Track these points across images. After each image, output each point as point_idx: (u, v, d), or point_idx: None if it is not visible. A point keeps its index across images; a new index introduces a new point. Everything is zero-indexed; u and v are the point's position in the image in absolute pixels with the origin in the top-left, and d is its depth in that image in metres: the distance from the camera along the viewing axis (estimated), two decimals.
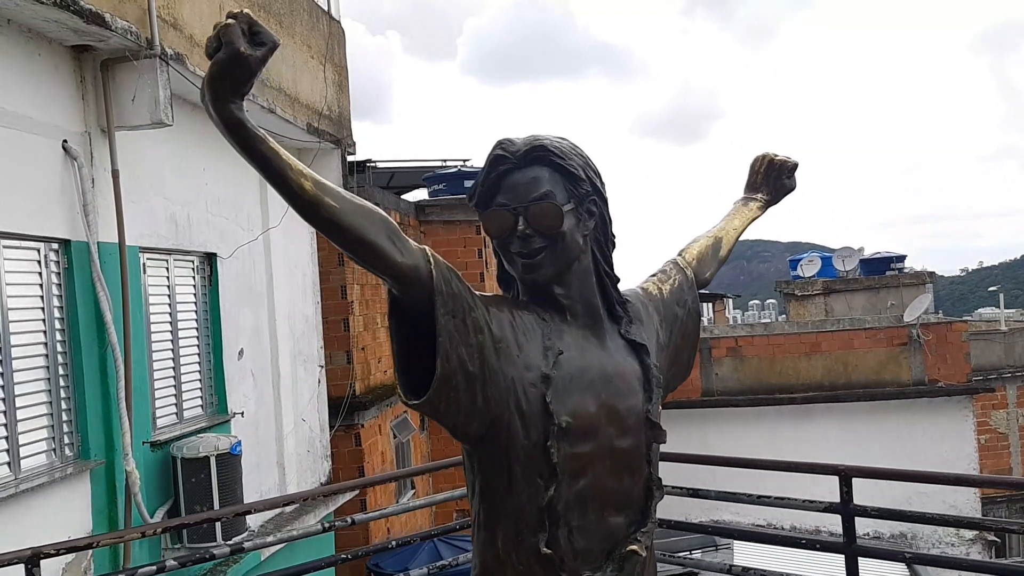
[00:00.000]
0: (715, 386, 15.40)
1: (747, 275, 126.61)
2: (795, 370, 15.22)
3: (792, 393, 14.83)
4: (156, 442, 6.13)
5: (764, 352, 15.40)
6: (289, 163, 1.50)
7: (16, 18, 4.83)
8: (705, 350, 15.43)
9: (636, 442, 1.81)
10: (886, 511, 3.10)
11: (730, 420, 14.91)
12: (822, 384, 14.87)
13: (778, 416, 14.73)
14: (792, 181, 2.37)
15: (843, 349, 14.89)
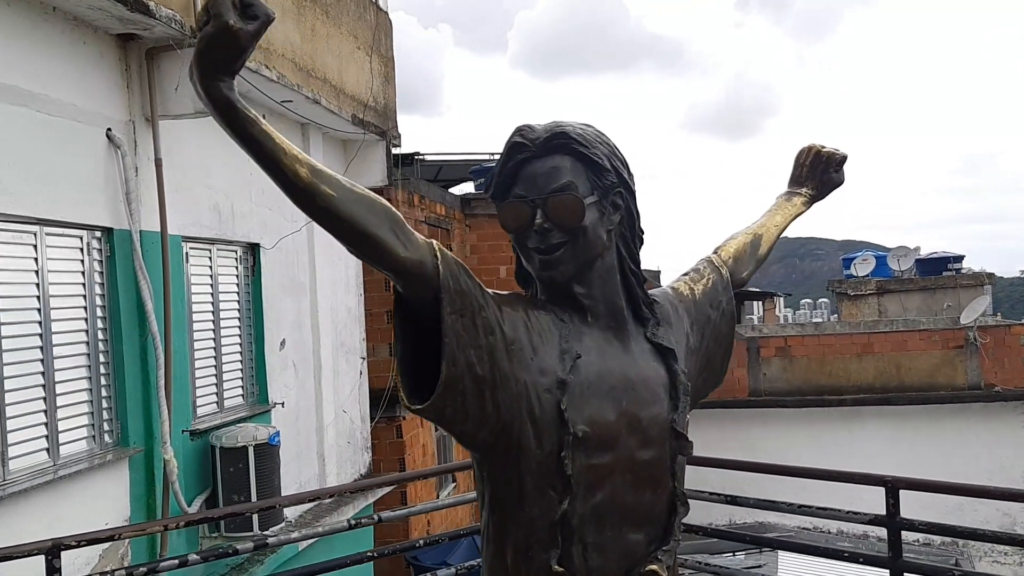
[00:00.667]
0: (763, 386, 15.13)
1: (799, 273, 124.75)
2: (845, 371, 14.88)
3: (842, 395, 14.50)
4: (196, 431, 6.16)
5: (814, 352, 15.08)
6: (283, 147, 1.41)
7: (62, 6, 4.85)
8: (753, 349, 15.18)
9: (659, 454, 1.68)
10: (935, 526, 2.94)
11: (777, 421, 14.63)
12: (873, 386, 14.52)
13: (827, 418, 14.43)
14: (840, 175, 2.22)
15: (896, 351, 14.52)
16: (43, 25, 4.81)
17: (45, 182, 4.82)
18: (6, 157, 4.55)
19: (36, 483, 4.61)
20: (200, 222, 6.33)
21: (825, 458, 12.92)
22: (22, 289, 4.73)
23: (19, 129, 4.64)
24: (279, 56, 6.70)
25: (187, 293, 6.27)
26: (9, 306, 4.62)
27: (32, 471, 4.68)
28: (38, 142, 4.77)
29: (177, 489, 5.57)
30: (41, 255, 4.84)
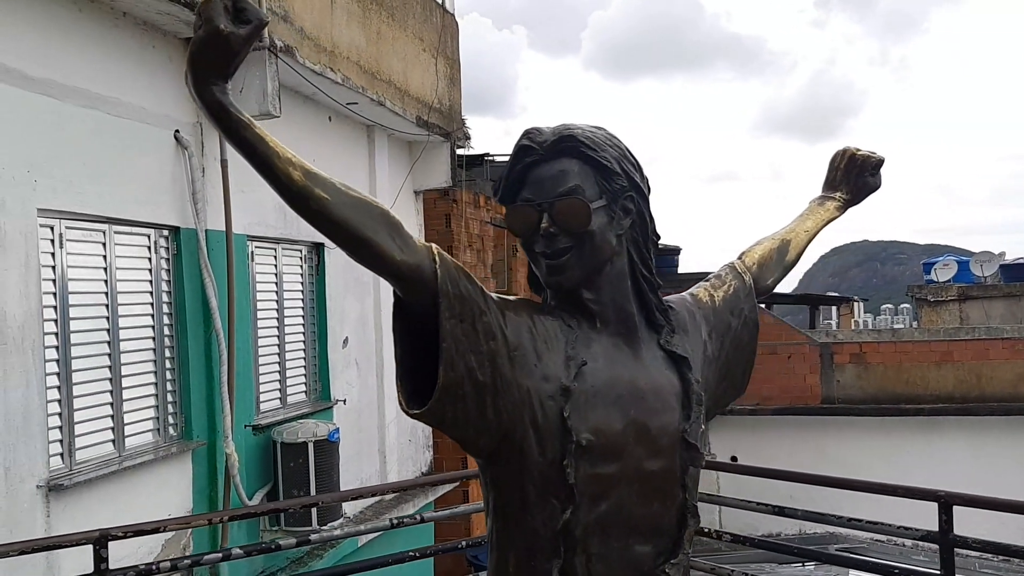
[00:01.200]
0: (836, 393, 14.74)
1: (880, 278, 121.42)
2: (923, 380, 14.41)
3: (919, 404, 14.05)
4: (258, 426, 6.29)
5: (891, 359, 14.63)
6: (276, 151, 1.42)
7: (132, 11, 5.01)
8: (827, 355, 14.80)
9: (669, 464, 1.64)
10: (990, 544, 2.82)
11: (851, 430, 14.24)
12: (952, 396, 14.03)
13: (903, 427, 13.99)
14: (877, 179, 2.13)
15: (977, 359, 14.01)
16: (113, 30, 4.97)
17: (115, 182, 4.99)
18: (77, 158, 4.72)
19: (102, 473, 4.77)
20: (265, 222, 6.46)
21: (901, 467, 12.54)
22: (92, 286, 4.90)
23: (90, 131, 4.80)
24: (344, 59, 6.80)
25: (252, 291, 6.42)
26: (79, 302, 4.79)
27: (98, 462, 4.85)
28: (108, 144, 4.94)
29: (238, 483, 5.70)
30: (110, 253, 5.01)
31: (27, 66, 4.39)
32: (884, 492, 3.17)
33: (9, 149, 4.28)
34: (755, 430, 14.09)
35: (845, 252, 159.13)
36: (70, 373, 4.68)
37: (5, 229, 4.22)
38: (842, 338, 16.14)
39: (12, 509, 4.19)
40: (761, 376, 14.22)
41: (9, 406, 4.20)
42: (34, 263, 4.40)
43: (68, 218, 4.70)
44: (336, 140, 7.50)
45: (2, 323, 4.19)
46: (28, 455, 4.31)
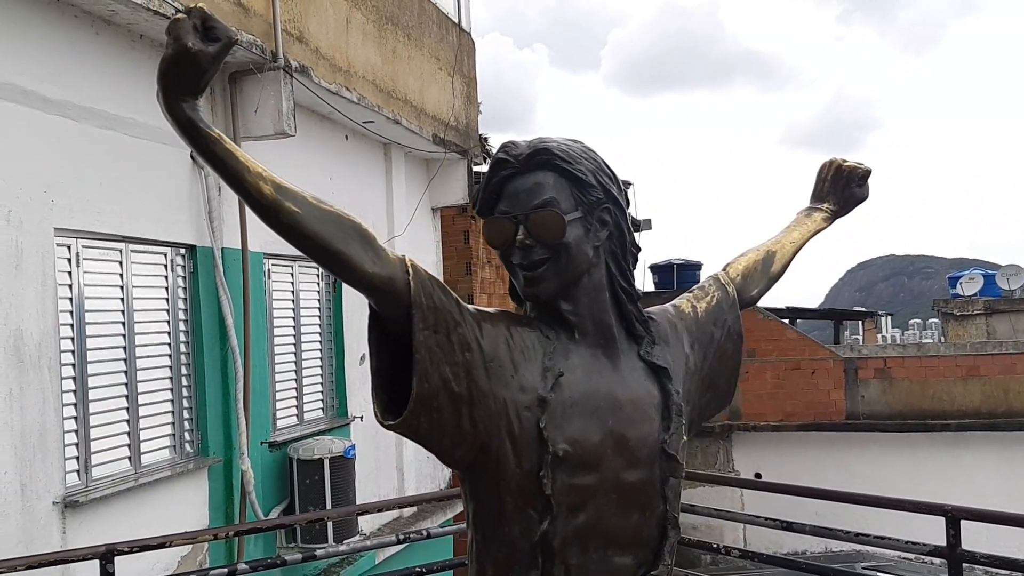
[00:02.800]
0: (860, 409, 14.57)
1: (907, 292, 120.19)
2: (950, 395, 14.23)
3: (945, 420, 13.87)
4: (275, 443, 6.32)
5: (916, 375, 14.46)
6: (247, 165, 1.43)
7: (148, 33, 5.09)
8: (851, 370, 14.66)
9: (648, 476, 1.63)
10: (999, 559, 2.77)
11: (876, 445, 14.07)
12: (979, 411, 13.85)
13: (929, 443, 13.81)
14: (864, 190, 2.13)
15: (1004, 374, 13.82)
16: (130, 52, 5.06)
17: (131, 202, 5.06)
18: (95, 177, 4.79)
19: (118, 490, 4.82)
20: (282, 240, 6.49)
21: (927, 484, 12.37)
22: (108, 304, 4.97)
23: (107, 151, 4.88)
24: (360, 78, 6.87)
25: (268, 308, 6.47)
26: (96, 320, 4.85)
27: (114, 478, 4.90)
28: (125, 163, 5.01)
29: (254, 499, 5.73)
30: (127, 271, 5.08)
31: (45, 88, 4.47)
32: (891, 507, 3.13)
33: (26, 169, 4.36)
34: (779, 446, 13.96)
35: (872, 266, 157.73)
36: (86, 390, 4.74)
37: (22, 248, 4.28)
38: (867, 353, 16.00)
39: (28, 525, 4.23)
40: (785, 392, 14.11)
41: (26, 423, 4.26)
42: (51, 281, 4.46)
43: (85, 237, 4.77)
44: (353, 158, 7.55)
45: (19, 341, 4.25)
46: (45, 471, 4.36)
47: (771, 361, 14.25)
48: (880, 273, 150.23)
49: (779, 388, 14.31)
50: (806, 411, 14.22)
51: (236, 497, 5.74)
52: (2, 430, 4.13)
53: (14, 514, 4.16)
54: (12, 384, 4.20)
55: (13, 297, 4.24)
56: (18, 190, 4.30)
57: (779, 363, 14.29)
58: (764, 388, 14.11)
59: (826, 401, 14.43)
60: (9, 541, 4.09)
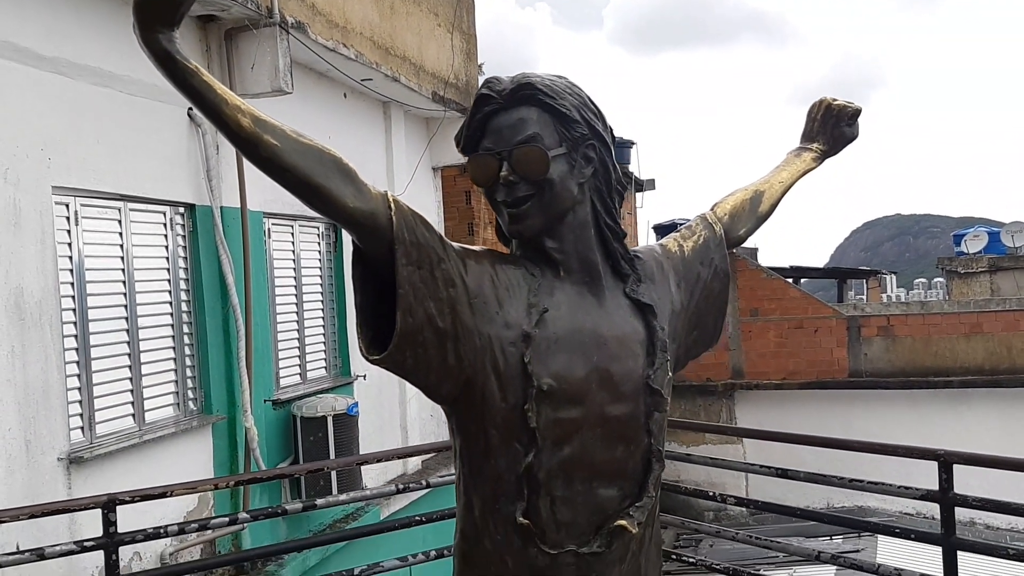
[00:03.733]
0: (863, 367, 14.62)
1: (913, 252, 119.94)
2: (953, 352, 14.25)
3: (948, 376, 13.90)
4: (278, 401, 6.36)
5: (919, 332, 14.47)
6: (225, 98, 1.43)
7: None
8: (854, 328, 14.68)
9: (633, 410, 1.65)
10: (990, 502, 2.80)
11: (879, 403, 14.13)
12: (982, 368, 13.87)
13: (932, 400, 13.86)
14: (854, 128, 2.12)
15: (1008, 331, 13.83)
16: (125, 8, 5.00)
17: (129, 160, 5.04)
18: (91, 136, 4.77)
19: (122, 446, 4.86)
20: (281, 199, 6.50)
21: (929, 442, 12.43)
22: (108, 262, 4.97)
23: (103, 109, 4.86)
24: (357, 34, 6.81)
25: (269, 268, 6.48)
26: (96, 278, 4.86)
27: (119, 435, 4.94)
28: (121, 122, 4.99)
29: (258, 456, 5.78)
30: (126, 230, 5.08)
31: (38, 45, 4.44)
32: (884, 452, 3.15)
33: (22, 127, 4.34)
34: (782, 404, 14.03)
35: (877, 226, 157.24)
36: (89, 348, 4.76)
37: (20, 206, 4.28)
38: (870, 311, 15.98)
39: (33, 480, 4.28)
40: (788, 350, 14.14)
41: (29, 380, 4.29)
42: (50, 240, 4.47)
43: (83, 195, 4.76)
44: (352, 117, 7.51)
45: (20, 299, 4.26)
46: (49, 428, 4.40)
47: (774, 320, 14.26)
48: (885, 233, 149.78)
49: (782, 347, 14.33)
50: (809, 369, 14.27)
51: (240, 454, 5.79)
52: (5, 387, 4.16)
53: (19, 469, 4.20)
54: (14, 341, 4.23)
55: (12, 255, 4.25)
56: (14, 148, 4.29)
57: (782, 322, 14.30)
58: (767, 347, 14.15)
59: (829, 359, 14.46)
60: (15, 496, 4.13)
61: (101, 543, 2.87)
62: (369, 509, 6.99)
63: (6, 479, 4.14)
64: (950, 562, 2.89)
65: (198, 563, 4.44)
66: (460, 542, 1.69)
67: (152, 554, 5.06)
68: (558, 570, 1.61)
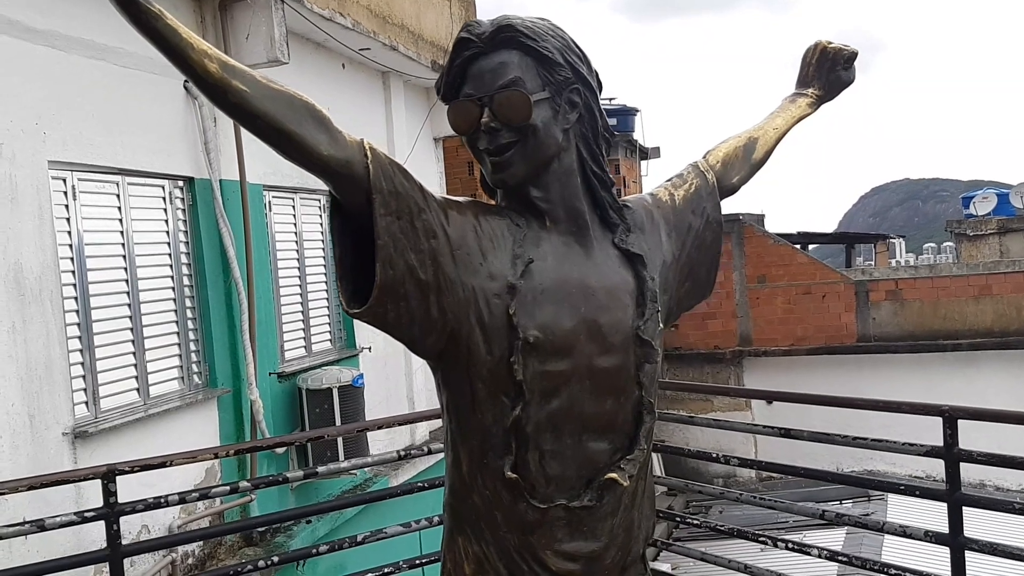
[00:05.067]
0: (872, 331, 14.57)
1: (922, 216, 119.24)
2: (961, 315, 14.19)
3: (957, 339, 13.85)
4: (283, 373, 6.37)
5: (927, 296, 14.41)
6: (191, 42, 1.39)
7: None
8: (862, 293, 14.62)
9: (622, 361, 1.62)
10: (995, 456, 2.77)
11: (888, 367, 14.09)
12: (991, 330, 13.82)
13: (941, 363, 13.82)
14: (850, 73, 2.06)
15: (1017, 292, 13.76)
16: None
17: (125, 134, 5.01)
18: (86, 110, 4.74)
19: (127, 420, 4.87)
20: (281, 171, 6.47)
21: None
22: (107, 237, 4.96)
23: (97, 82, 4.82)
24: (353, 3, 6.73)
25: (270, 240, 6.46)
26: (96, 253, 4.85)
27: (123, 409, 4.95)
28: (116, 95, 4.95)
29: (264, 428, 5.79)
30: (124, 204, 5.05)
31: (29, 17, 4.40)
32: (888, 409, 3.13)
33: (16, 101, 4.31)
34: (790, 370, 14.01)
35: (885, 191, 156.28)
36: (90, 323, 4.76)
37: (16, 181, 4.26)
38: (878, 276, 15.90)
39: (39, 455, 4.29)
40: (796, 316, 14.09)
41: (31, 355, 4.29)
42: (48, 215, 4.45)
43: (80, 170, 4.74)
44: (351, 88, 7.45)
45: (19, 275, 4.26)
46: (52, 403, 4.41)
47: (781, 286, 14.21)
48: (894, 198, 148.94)
49: (790, 313, 14.28)
50: (817, 335, 14.22)
51: (246, 426, 5.81)
52: (7, 362, 4.17)
53: (24, 444, 4.22)
54: (15, 317, 4.22)
55: (10, 231, 4.23)
56: (8, 123, 4.26)
57: (789, 287, 14.24)
58: (775, 313, 14.10)
59: (837, 324, 14.41)
60: (20, 471, 4.14)
61: (102, 513, 2.88)
62: (377, 480, 7.02)
63: (11, 454, 4.15)
64: (955, 518, 2.87)
65: (204, 531, 4.48)
66: (449, 497, 1.68)
67: (161, 527, 5.09)
68: (549, 525, 1.59)
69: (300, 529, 5.92)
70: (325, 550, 3.34)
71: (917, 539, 3.12)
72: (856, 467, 13.63)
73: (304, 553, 3.49)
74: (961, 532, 2.96)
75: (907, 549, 7.64)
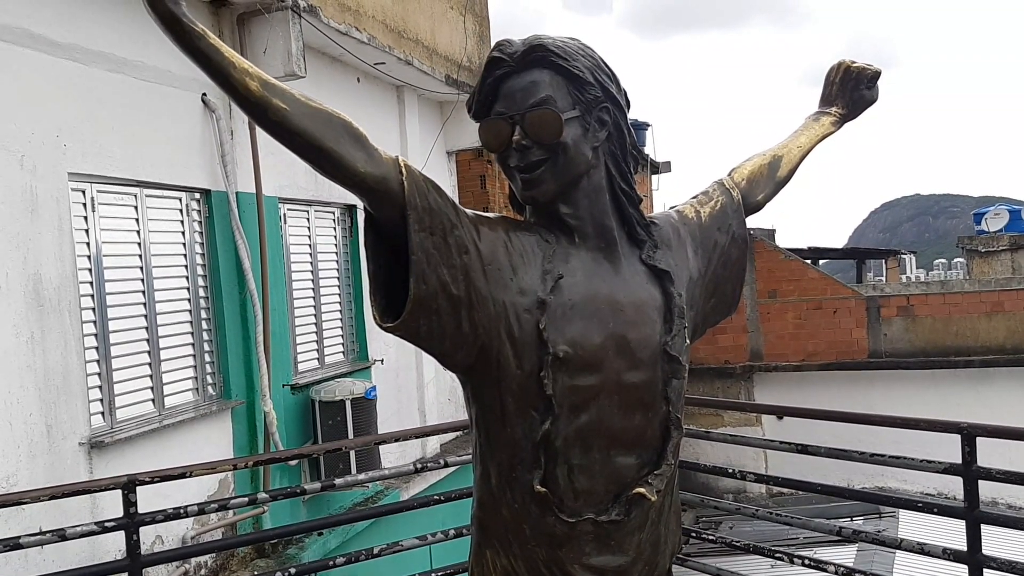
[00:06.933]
0: (883, 347, 14.52)
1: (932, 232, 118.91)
2: (974, 331, 14.14)
3: (969, 356, 13.79)
4: (296, 385, 6.38)
5: (939, 312, 14.36)
6: (232, 61, 1.41)
7: None
8: (873, 309, 14.58)
9: (650, 377, 1.63)
10: (1014, 474, 2.76)
11: (899, 384, 14.03)
12: (1004, 347, 13.76)
13: (953, 380, 13.75)
14: (873, 92, 2.08)
15: None
16: None
17: (144, 146, 5.05)
18: (105, 122, 4.78)
19: (143, 431, 4.89)
20: (296, 184, 6.51)
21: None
22: (125, 248, 4.99)
23: (117, 95, 4.86)
24: (369, 18, 6.78)
25: (285, 253, 6.49)
26: (114, 264, 4.88)
27: (139, 420, 4.97)
28: (136, 108, 4.99)
29: (277, 440, 5.81)
30: (142, 216, 5.09)
31: (52, 31, 4.45)
32: (906, 426, 3.12)
33: (37, 113, 4.35)
34: (801, 386, 13.96)
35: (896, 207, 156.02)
36: (108, 334, 4.79)
37: (37, 192, 4.30)
38: (889, 291, 15.86)
39: (55, 465, 4.31)
40: (807, 331, 14.05)
41: (48, 365, 4.32)
42: (67, 226, 4.49)
43: (99, 182, 4.78)
44: (366, 101, 7.50)
45: (38, 285, 4.29)
46: (69, 413, 4.43)
47: (792, 301, 14.18)
48: (905, 213, 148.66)
49: (801, 328, 14.24)
50: (828, 350, 14.18)
51: (260, 438, 5.82)
52: (25, 372, 4.19)
53: (41, 454, 4.24)
54: (33, 327, 4.25)
55: (30, 242, 4.27)
56: (30, 134, 4.30)
57: (800, 303, 14.21)
58: (786, 328, 14.06)
59: (848, 340, 14.37)
60: (37, 481, 4.17)
61: (122, 524, 2.89)
62: (389, 493, 7.03)
63: (28, 464, 4.17)
64: (974, 536, 2.86)
65: (219, 543, 4.49)
66: (477, 511, 1.69)
67: (174, 538, 5.10)
68: (577, 538, 1.60)
69: (312, 541, 5.92)
70: (342, 562, 3.35)
71: (935, 556, 3.11)
72: (868, 484, 13.57)
73: (320, 565, 3.49)
74: (980, 550, 2.95)
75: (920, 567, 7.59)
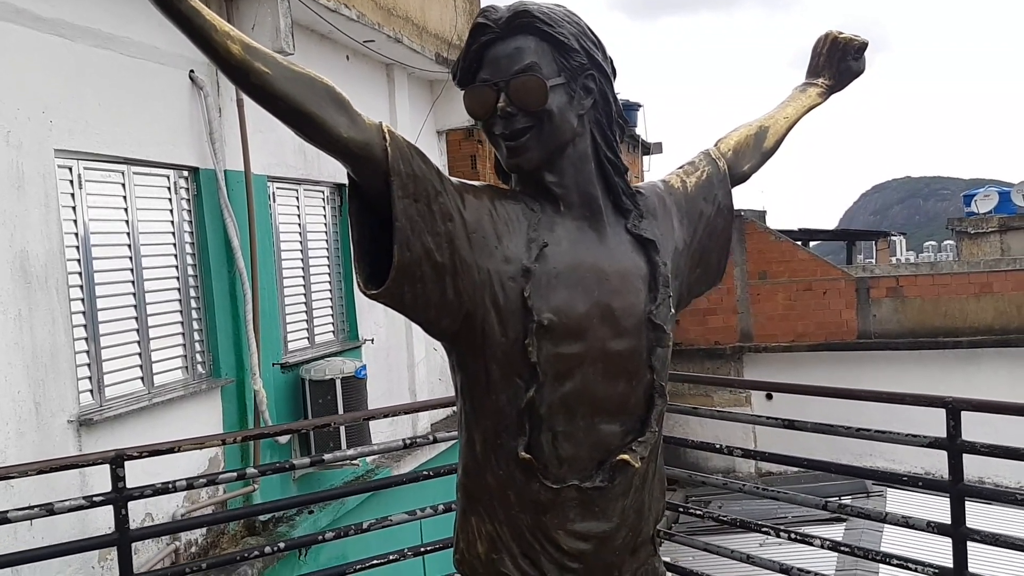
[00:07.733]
0: (872, 328, 14.60)
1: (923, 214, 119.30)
2: (962, 312, 14.21)
3: (958, 337, 13.87)
4: (286, 364, 6.38)
5: (928, 293, 14.43)
6: (214, 24, 1.40)
7: None
8: (863, 290, 14.65)
9: (635, 345, 1.64)
10: (999, 448, 2.78)
11: (888, 364, 14.11)
12: (992, 328, 13.84)
13: (941, 361, 13.84)
14: (860, 63, 2.08)
15: (1018, 290, 13.78)
16: None
17: (131, 123, 5.02)
18: (92, 99, 4.75)
19: (132, 409, 4.88)
20: (285, 162, 6.48)
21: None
22: (113, 226, 4.97)
23: (104, 72, 4.82)
24: None
25: (274, 231, 6.47)
26: (101, 242, 4.86)
27: (128, 398, 4.97)
28: (123, 84, 4.96)
29: (267, 418, 5.81)
30: (130, 193, 5.07)
31: (36, 6, 4.40)
32: (892, 401, 3.14)
33: (23, 89, 4.32)
34: (791, 367, 14.03)
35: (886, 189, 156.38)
36: (96, 311, 4.77)
37: (23, 169, 4.27)
38: (879, 272, 15.93)
39: (44, 442, 4.31)
40: (796, 313, 14.10)
41: (36, 343, 4.30)
42: (54, 203, 4.46)
43: (86, 159, 4.75)
44: (355, 80, 7.46)
45: (25, 262, 4.27)
46: (58, 391, 4.42)
47: (782, 282, 14.22)
48: (895, 196, 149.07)
49: (791, 309, 14.29)
50: (818, 332, 14.24)
51: (250, 416, 5.82)
52: (13, 350, 4.18)
53: (29, 431, 4.23)
54: (20, 305, 4.23)
55: (17, 218, 4.24)
56: (15, 111, 4.27)
57: (790, 284, 14.26)
58: (776, 309, 14.11)
59: (838, 321, 14.43)
60: (26, 457, 4.14)
61: (110, 498, 2.89)
62: (379, 471, 7.05)
63: (17, 441, 4.17)
64: (958, 509, 2.89)
65: (212, 516, 4.50)
66: (463, 478, 1.70)
67: (164, 516, 5.11)
68: (561, 505, 1.61)
69: (302, 519, 5.94)
70: (331, 536, 3.36)
71: (920, 530, 3.14)
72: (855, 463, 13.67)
73: (310, 539, 3.51)
74: (963, 523, 2.98)
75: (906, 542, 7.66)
